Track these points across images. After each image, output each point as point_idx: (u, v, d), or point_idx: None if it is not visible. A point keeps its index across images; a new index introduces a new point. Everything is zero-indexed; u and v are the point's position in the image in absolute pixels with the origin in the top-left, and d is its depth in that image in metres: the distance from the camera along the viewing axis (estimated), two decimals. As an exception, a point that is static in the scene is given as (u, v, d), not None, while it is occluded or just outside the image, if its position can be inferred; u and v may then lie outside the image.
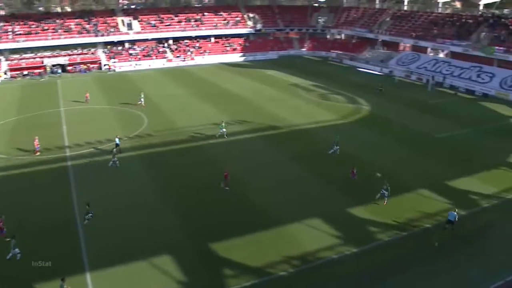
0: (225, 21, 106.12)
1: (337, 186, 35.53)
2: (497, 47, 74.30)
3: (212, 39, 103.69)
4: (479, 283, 23.45)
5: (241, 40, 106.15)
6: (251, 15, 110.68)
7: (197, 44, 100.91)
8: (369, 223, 30.12)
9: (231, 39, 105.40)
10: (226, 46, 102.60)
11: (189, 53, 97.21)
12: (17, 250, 26.15)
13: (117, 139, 42.47)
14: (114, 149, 40.68)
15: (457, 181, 36.83)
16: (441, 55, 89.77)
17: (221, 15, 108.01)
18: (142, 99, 58.74)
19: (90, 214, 29.91)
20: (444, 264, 25.76)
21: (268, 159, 41.18)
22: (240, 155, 42.16)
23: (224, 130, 46.58)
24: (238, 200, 33.16)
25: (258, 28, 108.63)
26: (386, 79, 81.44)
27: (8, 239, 26.55)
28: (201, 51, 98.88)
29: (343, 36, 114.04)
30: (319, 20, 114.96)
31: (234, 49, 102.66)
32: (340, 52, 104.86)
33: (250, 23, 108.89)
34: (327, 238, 28.36)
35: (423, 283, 24.17)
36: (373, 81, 78.75)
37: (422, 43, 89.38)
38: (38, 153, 41.64)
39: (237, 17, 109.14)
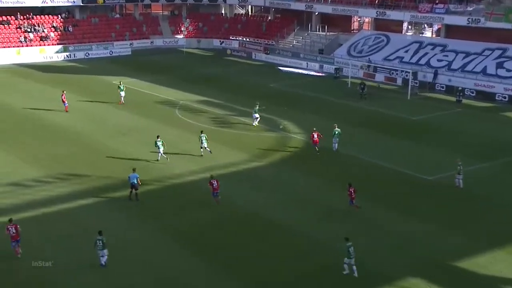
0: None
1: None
2: (532, 8, 78.62)
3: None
4: None
5: (57, 20, 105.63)
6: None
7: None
8: None
9: (36, 17, 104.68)
10: (26, 31, 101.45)
11: None
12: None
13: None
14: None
15: (480, 260, 36.99)
16: (428, 33, 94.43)
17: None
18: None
19: None
20: None
21: (129, 244, 39.37)
22: (68, 239, 39.92)
23: (257, 115, 64.07)
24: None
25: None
26: (330, 83, 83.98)
27: None
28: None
29: (250, 9, 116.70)
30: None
31: (44, 38, 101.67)
32: (246, 39, 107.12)
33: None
34: None
35: None
36: (308, 89, 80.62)
37: (393, 15, 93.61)
38: None
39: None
